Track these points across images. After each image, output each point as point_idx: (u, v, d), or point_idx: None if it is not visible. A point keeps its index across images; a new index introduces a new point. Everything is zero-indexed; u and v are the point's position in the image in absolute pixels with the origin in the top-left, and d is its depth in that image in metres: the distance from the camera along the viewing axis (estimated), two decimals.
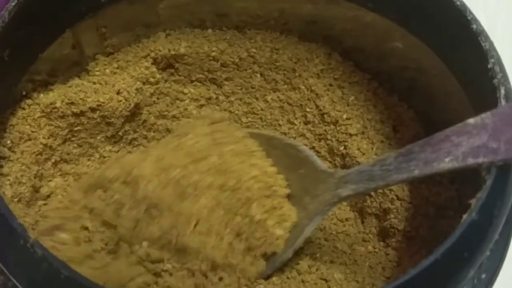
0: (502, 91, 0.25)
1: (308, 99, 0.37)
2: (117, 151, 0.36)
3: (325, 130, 0.37)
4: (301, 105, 0.37)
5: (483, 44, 0.27)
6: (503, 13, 0.51)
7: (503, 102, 0.25)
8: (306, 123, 0.37)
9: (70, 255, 0.29)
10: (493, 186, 0.23)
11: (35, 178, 0.32)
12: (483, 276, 0.24)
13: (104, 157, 0.36)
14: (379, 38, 0.36)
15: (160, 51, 0.37)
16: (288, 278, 0.30)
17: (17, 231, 0.22)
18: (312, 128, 0.37)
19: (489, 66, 0.26)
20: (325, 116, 0.36)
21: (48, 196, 0.32)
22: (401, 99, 0.37)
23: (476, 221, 0.22)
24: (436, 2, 0.29)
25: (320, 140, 0.37)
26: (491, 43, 0.27)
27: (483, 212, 0.22)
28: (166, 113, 0.38)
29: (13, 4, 0.28)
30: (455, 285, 0.22)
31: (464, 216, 0.22)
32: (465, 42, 0.28)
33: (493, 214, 0.23)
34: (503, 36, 0.49)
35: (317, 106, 0.37)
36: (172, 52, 0.37)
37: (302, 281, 0.30)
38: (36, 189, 0.32)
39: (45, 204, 0.32)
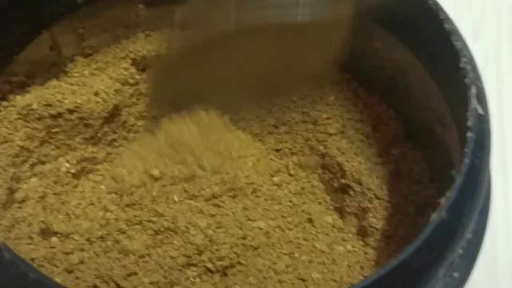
0: (473, 90, 0.25)
1: None
2: (97, 152, 0.36)
3: (305, 130, 0.37)
4: None
5: (455, 44, 0.27)
6: (489, 13, 0.51)
7: (474, 101, 0.25)
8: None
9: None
10: (463, 185, 0.23)
11: (11, 180, 0.32)
12: (455, 274, 0.24)
13: (85, 158, 0.35)
14: (358, 38, 0.36)
15: (139, 52, 0.36)
16: (265, 278, 0.30)
17: None
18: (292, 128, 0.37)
19: (461, 65, 0.26)
20: (304, 115, 0.36)
21: (23, 200, 0.32)
22: (380, 99, 0.37)
23: (445, 220, 0.22)
24: (410, 1, 0.29)
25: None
26: (464, 43, 0.27)
27: (453, 211, 0.22)
28: (146, 113, 0.38)
29: None
30: (425, 283, 0.22)
31: (433, 215, 0.22)
32: (438, 41, 0.28)
33: (463, 213, 0.23)
34: (490, 35, 0.49)
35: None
36: (152, 53, 0.36)
37: (279, 281, 0.30)
38: (12, 192, 0.32)
39: (19, 208, 0.32)
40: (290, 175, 0.35)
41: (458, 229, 0.23)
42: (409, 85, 0.34)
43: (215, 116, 0.35)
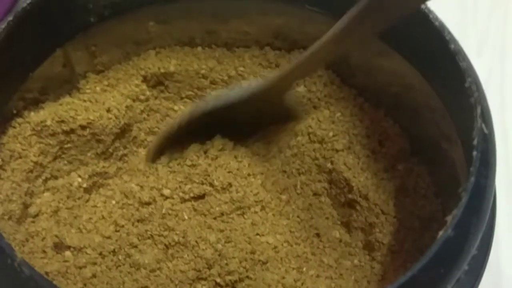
0: (478, 110, 0.26)
1: None
2: (108, 167, 0.36)
3: (313, 150, 0.37)
4: None
5: (460, 64, 0.27)
6: (493, 28, 0.51)
7: (479, 120, 0.25)
8: None
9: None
10: (469, 203, 0.23)
11: (25, 195, 0.32)
12: None
13: (97, 172, 0.36)
14: (365, 54, 0.36)
15: (150, 69, 0.37)
16: None
17: (5, 251, 0.22)
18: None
19: (466, 85, 0.27)
20: (311, 135, 0.37)
21: (36, 215, 0.33)
22: (386, 114, 0.37)
23: (452, 237, 0.23)
24: (416, 21, 0.30)
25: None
26: (469, 63, 0.28)
27: (459, 228, 0.23)
28: (156, 129, 0.38)
29: (3, 26, 0.28)
30: None
31: (440, 233, 0.23)
32: (444, 61, 0.28)
33: (469, 230, 0.23)
34: (494, 49, 0.50)
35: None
36: (162, 70, 0.37)
37: None
38: (26, 206, 0.33)
39: (33, 222, 0.32)
40: (298, 193, 0.36)
41: (465, 246, 0.23)
42: (415, 101, 0.35)
43: (224, 139, 0.36)
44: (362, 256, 0.34)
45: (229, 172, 0.34)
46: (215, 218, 0.33)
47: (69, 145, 0.35)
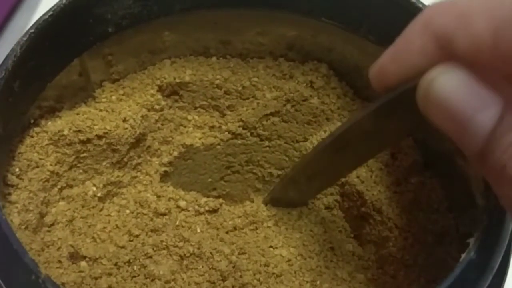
0: None
1: None
2: (122, 176, 0.37)
3: None
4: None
5: None
6: None
7: None
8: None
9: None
10: (491, 225, 0.24)
11: (41, 204, 0.32)
12: None
13: (111, 182, 0.36)
14: None
15: (165, 78, 0.37)
16: None
17: (29, 266, 0.22)
18: None
19: None
20: None
21: (52, 224, 0.33)
22: None
23: (474, 260, 0.23)
24: None
25: None
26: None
27: (481, 251, 0.23)
28: (170, 139, 0.38)
29: (25, 38, 0.28)
30: None
31: (463, 256, 0.23)
32: None
33: (491, 252, 0.24)
34: None
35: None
36: (177, 80, 0.37)
37: None
38: (42, 216, 0.33)
39: (48, 231, 0.32)
40: (309, 208, 0.36)
41: (487, 269, 0.23)
42: None
43: None
44: (375, 270, 0.34)
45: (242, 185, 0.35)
46: (227, 232, 0.33)
47: (85, 154, 0.35)
